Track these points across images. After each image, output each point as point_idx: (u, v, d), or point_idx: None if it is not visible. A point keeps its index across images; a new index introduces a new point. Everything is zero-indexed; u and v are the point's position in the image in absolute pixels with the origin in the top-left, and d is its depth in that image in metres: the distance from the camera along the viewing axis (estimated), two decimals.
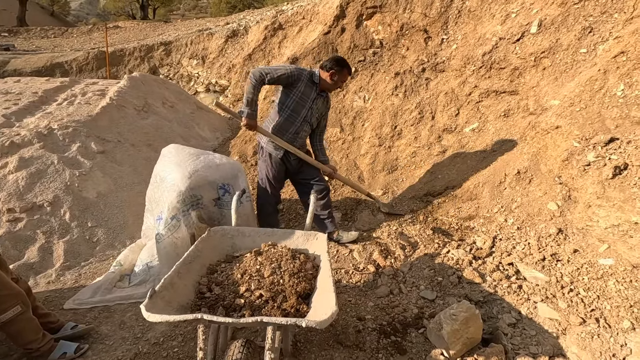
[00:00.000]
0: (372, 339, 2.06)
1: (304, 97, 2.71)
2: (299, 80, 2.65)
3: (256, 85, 2.56)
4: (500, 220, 2.76)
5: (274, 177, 2.88)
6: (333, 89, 2.82)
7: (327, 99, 2.89)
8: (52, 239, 2.85)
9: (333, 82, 2.70)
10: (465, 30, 4.15)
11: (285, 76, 2.60)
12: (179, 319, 1.27)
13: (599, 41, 3.07)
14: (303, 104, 2.73)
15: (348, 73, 2.76)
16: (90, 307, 2.34)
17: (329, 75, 2.67)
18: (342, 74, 2.70)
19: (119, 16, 20.81)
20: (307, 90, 2.70)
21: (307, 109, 2.75)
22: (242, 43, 7.03)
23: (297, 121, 2.76)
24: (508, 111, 3.49)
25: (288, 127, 2.76)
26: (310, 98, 2.73)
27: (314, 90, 2.73)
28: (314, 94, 2.74)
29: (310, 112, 2.78)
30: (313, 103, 2.76)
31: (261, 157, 2.91)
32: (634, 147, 2.35)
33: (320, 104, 2.82)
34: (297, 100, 2.71)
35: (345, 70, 2.71)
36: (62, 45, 10.58)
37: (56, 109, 3.98)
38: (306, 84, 2.68)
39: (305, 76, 2.67)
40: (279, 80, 2.62)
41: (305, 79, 2.67)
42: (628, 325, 1.78)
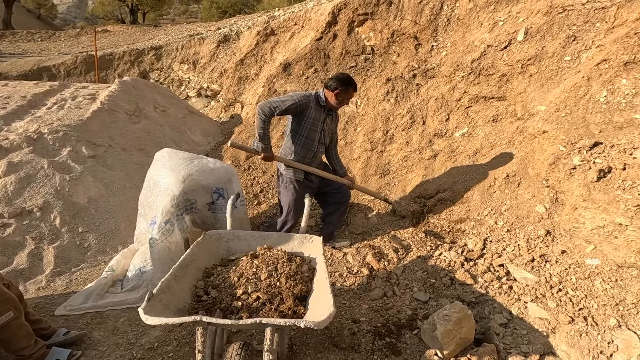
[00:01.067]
0: (367, 340, 2.08)
1: (315, 122, 2.73)
2: (308, 108, 2.67)
3: (266, 120, 2.59)
4: (490, 222, 2.82)
5: (295, 202, 2.87)
6: (340, 107, 2.80)
7: (335, 115, 2.92)
8: (42, 244, 2.80)
9: (338, 101, 2.70)
10: (455, 38, 4.25)
11: (294, 106, 2.62)
12: (178, 321, 1.27)
13: (582, 49, 3.18)
14: (315, 129, 2.76)
15: (353, 90, 2.74)
16: (82, 313, 2.31)
17: (334, 95, 2.67)
18: (347, 92, 2.69)
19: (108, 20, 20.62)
20: (316, 115, 2.72)
21: (320, 132, 2.79)
22: (233, 48, 7.05)
23: (313, 146, 2.80)
24: (497, 116, 3.57)
25: (305, 153, 2.80)
26: (321, 121, 2.76)
27: (323, 112, 2.75)
28: (323, 115, 2.76)
29: (322, 134, 2.81)
30: (324, 124, 2.79)
31: (282, 184, 2.90)
32: (617, 151, 2.44)
33: (330, 123, 2.85)
34: (310, 127, 2.73)
35: (350, 88, 2.70)
36: (50, 49, 10.43)
37: (46, 113, 3.93)
38: (315, 109, 2.70)
39: (312, 102, 2.68)
40: (287, 111, 2.63)
41: (312, 105, 2.68)
42: (614, 323, 1.83)
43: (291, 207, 2.89)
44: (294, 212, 2.90)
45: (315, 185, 2.94)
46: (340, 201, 3.04)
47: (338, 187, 3.01)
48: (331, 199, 3.03)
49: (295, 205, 2.89)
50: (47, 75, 7.99)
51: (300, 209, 2.92)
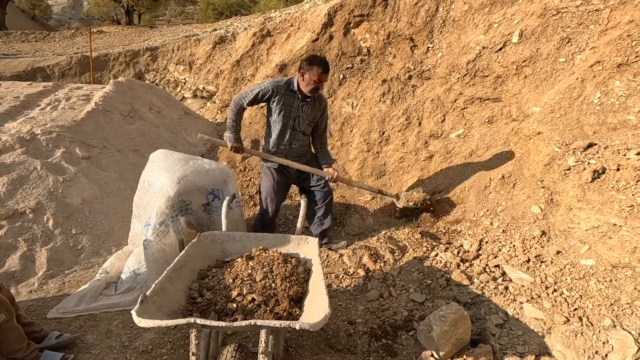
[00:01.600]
0: (363, 342, 2.07)
1: (286, 107, 2.67)
2: (276, 93, 2.63)
3: (237, 111, 2.68)
4: (486, 223, 2.82)
5: (274, 189, 2.89)
6: (313, 90, 2.60)
7: (318, 103, 2.77)
8: (34, 246, 2.77)
9: (305, 82, 2.58)
10: (450, 39, 4.27)
11: (262, 93, 2.63)
12: (171, 323, 1.26)
13: (576, 51, 3.21)
14: (288, 115, 2.69)
15: (321, 70, 2.52)
16: (75, 315, 2.28)
17: (300, 76, 2.59)
18: (311, 72, 2.52)
19: (103, 21, 20.52)
20: (288, 100, 2.66)
21: (294, 119, 2.72)
22: (230, 49, 7.04)
23: (287, 133, 2.75)
24: (492, 117, 3.59)
25: (280, 140, 2.77)
26: (294, 107, 2.68)
27: (296, 97, 2.67)
28: (297, 101, 2.67)
29: (298, 121, 2.73)
30: (299, 111, 2.71)
31: (262, 170, 2.94)
32: (611, 152, 2.46)
33: (308, 110, 2.73)
34: (281, 113, 2.68)
35: (315, 66, 2.51)
36: (44, 50, 10.36)
37: (39, 113, 3.90)
38: (285, 94, 2.64)
39: (282, 87, 2.63)
40: (256, 99, 2.66)
41: (282, 90, 2.63)
42: (609, 323, 1.84)
43: (269, 194, 2.90)
44: (271, 199, 2.90)
45: (293, 175, 2.92)
46: (321, 198, 2.91)
47: (318, 184, 2.90)
48: (312, 196, 2.95)
49: (274, 192, 2.89)
50: (41, 76, 7.93)
51: (278, 197, 2.95)
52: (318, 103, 2.78)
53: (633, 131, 2.53)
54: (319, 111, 2.81)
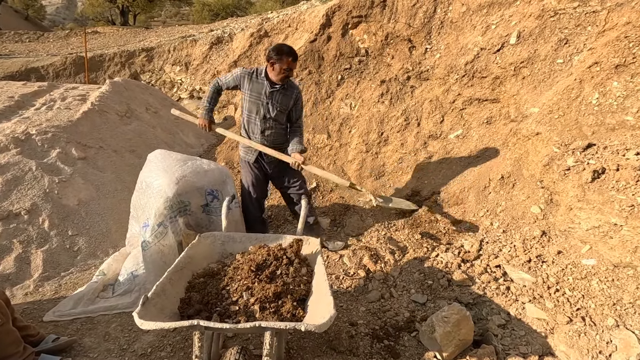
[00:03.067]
0: (365, 344, 2.05)
1: (254, 94, 2.71)
2: (245, 79, 2.71)
3: (213, 90, 2.84)
4: (486, 223, 2.82)
5: (252, 184, 2.90)
6: (283, 79, 2.63)
7: (290, 90, 2.75)
8: (29, 248, 2.72)
9: (275, 71, 2.60)
10: (448, 41, 4.28)
11: (232, 78, 2.76)
12: (175, 325, 1.23)
13: (574, 52, 3.23)
14: (257, 102, 2.72)
15: (290, 58, 2.57)
16: (72, 318, 2.24)
17: (270, 65, 2.62)
18: (281, 60, 2.55)
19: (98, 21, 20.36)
20: (256, 87, 2.70)
21: (263, 106, 2.71)
22: (226, 50, 7.01)
23: (257, 120, 2.76)
24: (490, 118, 3.60)
25: (252, 127, 2.80)
26: (263, 94, 2.69)
27: (265, 85, 2.67)
28: (266, 88, 2.67)
29: (268, 108, 2.72)
30: (269, 98, 2.69)
31: (241, 165, 2.96)
32: (610, 152, 2.47)
33: (280, 98, 2.71)
34: (250, 100, 2.73)
35: (284, 56, 2.55)
36: (38, 50, 10.25)
37: (34, 113, 3.84)
38: (253, 81, 2.70)
39: (250, 74, 2.70)
40: (228, 84, 2.79)
41: (251, 77, 2.70)
42: (612, 323, 1.84)
43: (249, 186, 2.91)
44: (252, 191, 2.91)
45: (271, 173, 2.93)
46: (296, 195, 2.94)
47: (293, 185, 2.94)
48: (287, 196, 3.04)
49: (252, 186, 2.91)
50: (35, 76, 7.84)
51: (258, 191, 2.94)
52: (290, 91, 2.76)
53: (631, 132, 2.55)
54: (291, 99, 2.78)
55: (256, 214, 3.01)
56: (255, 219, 3.00)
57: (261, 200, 3.03)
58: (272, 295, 1.55)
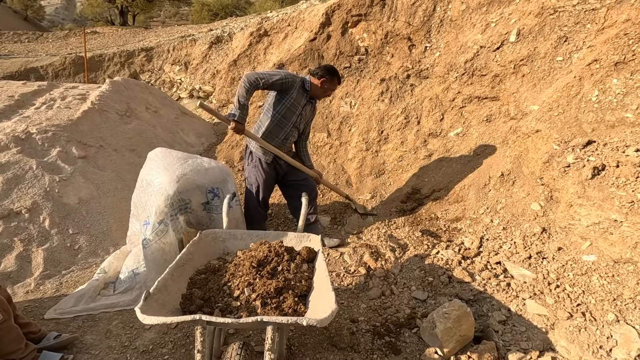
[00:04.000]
0: (366, 340, 2.06)
1: (295, 103, 2.73)
2: (293, 87, 2.67)
3: (249, 89, 2.53)
4: (486, 221, 2.83)
5: (264, 182, 2.87)
6: (322, 97, 2.88)
7: (315, 106, 2.96)
8: (30, 246, 2.72)
9: (323, 89, 2.77)
10: (448, 39, 4.28)
11: (280, 82, 2.61)
12: (177, 320, 1.24)
13: (573, 50, 3.23)
14: (294, 110, 2.75)
15: (338, 82, 2.83)
16: (74, 316, 2.24)
17: (320, 82, 2.73)
18: (332, 82, 2.78)
19: (97, 22, 20.34)
20: (298, 97, 2.73)
21: (297, 115, 2.79)
22: (226, 49, 7.01)
23: (287, 127, 2.78)
24: (490, 116, 3.60)
25: (278, 132, 2.78)
26: (301, 104, 2.77)
27: (305, 97, 2.77)
28: (304, 100, 2.77)
29: (299, 118, 2.81)
30: (303, 109, 2.80)
31: (250, 162, 2.89)
32: (610, 149, 2.48)
33: (308, 111, 2.87)
34: (289, 107, 2.73)
35: (335, 79, 2.79)
36: (37, 50, 10.24)
37: (34, 113, 3.84)
38: (298, 91, 2.71)
39: (298, 83, 2.70)
40: (273, 85, 2.61)
41: (297, 86, 2.70)
42: (612, 318, 1.84)
43: (260, 186, 2.86)
44: (262, 191, 2.88)
45: (282, 171, 2.92)
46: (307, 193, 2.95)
47: (304, 179, 2.97)
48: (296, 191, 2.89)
49: (265, 186, 2.87)
50: (34, 76, 7.84)
51: (268, 190, 2.94)
52: (314, 107, 2.95)
53: (631, 128, 2.55)
54: (313, 114, 2.99)
55: (263, 212, 3.00)
56: (261, 217, 3.00)
57: (268, 199, 3.03)
58: (273, 290, 1.55)
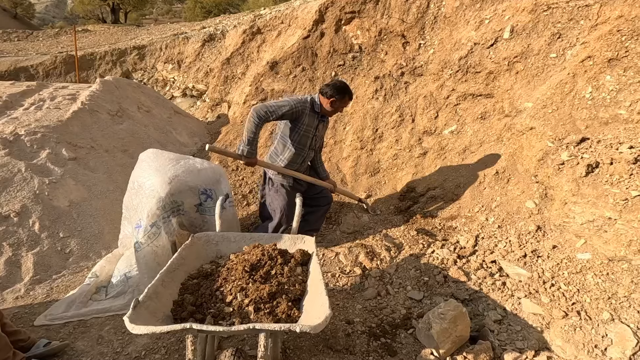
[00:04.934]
0: (362, 342, 2.04)
1: (308, 128, 2.69)
2: (303, 114, 2.62)
3: (259, 124, 2.50)
4: (481, 219, 2.82)
5: (288, 204, 2.79)
6: (334, 114, 2.82)
7: (327, 121, 2.89)
8: (20, 251, 2.67)
9: (334, 109, 2.67)
10: (442, 36, 4.26)
11: (290, 112, 2.56)
12: (166, 329, 1.21)
13: (567, 46, 3.22)
14: (308, 135, 2.71)
15: (349, 99, 2.71)
16: (65, 322, 2.21)
17: (329, 102, 2.63)
18: (343, 101, 2.67)
19: (88, 20, 20.06)
20: (310, 121, 2.68)
21: (312, 138, 2.74)
22: (219, 47, 6.94)
23: (304, 152, 2.75)
24: (485, 113, 3.59)
25: (297, 159, 2.75)
26: (314, 127, 2.71)
27: (316, 117, 2.71)
28: (316, 121, 2.71)
29: (314, 140, 2.77)
30: (316, 130, 2.74)
31: (272, 188, 2.83)
32: (604, 146, 2.47)
33: (321, 129, 2.83)
34: (303, 133, 2.68)
35: (346, 97, 2.67)
36: (27, 49, 10.07)
37: (23, 114, 3.77)
38: (309, 115, 2.65)
39: (307, 107, 2.63)
40: (283, 117, 2.58)
41: (307, 111, 2.64)
42: (608, 317, 1.84)
43: (284, 212, 2.81)
44: (286, 216, 2.82)
45: (303, 189, 2.88)
46: (322, 204, 3.01)
47: (321, 191, 2.99)
48: (314, 202, 2.98)
49: (288, 209, 2.81)
50: (24, 75, 7.71)
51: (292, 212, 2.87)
52: (327, 122, 2.90)
53: (624, 125, 2.55)
54: (326, 129, 2.94)
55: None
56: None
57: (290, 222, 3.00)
58: (266, 295, 1.53)
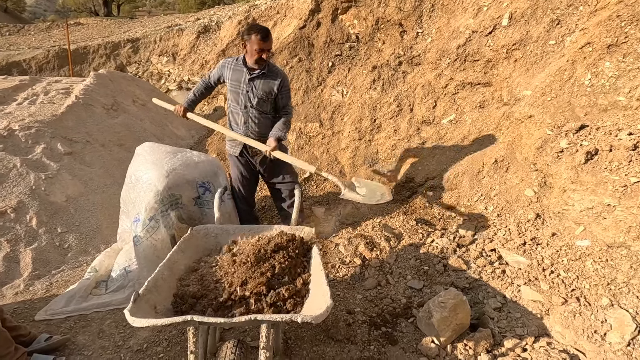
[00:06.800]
0: (363, 331, 2.05)
1: (234, 83, 2.61)
2: (225, 68, 2.65)
3: (200, 84, 2.82)
4: (480, 208, 2.82)
5: (238, 179, 2.83)
6: (257, 61, 2.47)
7: (272, 76, 2.58)
8: (18, 247, 2.66)
9: (250, 53, 2.47)
10: (439, 24, 4.21)
11: (216, 70, 2.73)
12: (167, 322, 1.20)
13: (566, 33, 3.19)
14: (237, 91, 2.62)
15: (259, 36, 2.38)
16: (65, 317, 2.20)
17: (243, 47, 2.51)
18: (250, 41, 2.41)
19: (80, 13, 19.73)
20: (235, 76, 2.60)
21: (244, 95, 2.60)
22: (214, 39, 6.85)
23: (239, 109, 2.64)
24: (483, 102, 3.57)
25: (235, 118, 2.71)
26: (242, 82, 2.58)
27: (245, 71, 2.56)
28: (245, 76, 2.56)
29: (247, 97, 2.59)
30: (248, 86, 2.57)
31: (229, 159, 2.87)
32: (603, 133, 2.46)
33: (260, 84, 2.56)
34: (231, 90, 2.65)
35: (252, 34, 2.39)
36: (19, 44, 9.91)
37: (16, 108, 3.72)
38: (233, 70, 2.61)
39: (230, 62, 2.64)
40: (214, 76, 2.75)
41: (230, 65, 2.62)
42: (607, 302, 1.85)
43: (236, 180, 2.86)
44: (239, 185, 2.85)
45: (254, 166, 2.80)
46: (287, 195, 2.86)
47: (284, 181, 2.84)
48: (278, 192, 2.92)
49: (238, 180, 2.85)
50: (17, 70, 7.60)
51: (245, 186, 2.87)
52: (272, 76, 2.58)
53: (623, 112, 2.54)
54: (274, 85, 2.59)
55: (244, 208, 2.93)
56: (246, 212, 2.94)
57: (249, 196, 2.93)
58: (267, 286, 1.52)
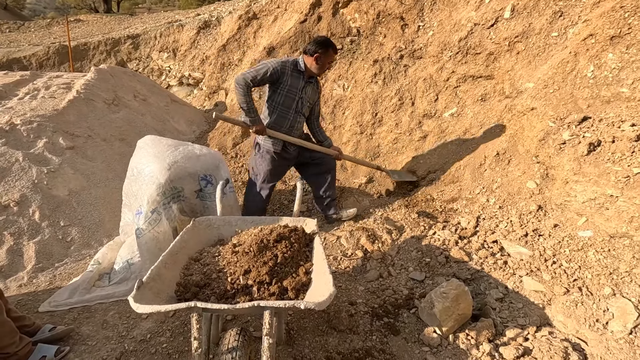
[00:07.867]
0: (365, 322, 2.06)
1: (291, 89, 2.63)
2: (284, 74, 2.58)
3: (245, 92, 2.52)
4: (482, 200, 2.82)
5: (271, 171, 2.81)
6: (321, 73, 2.70)
7: (317, 84, 2.81)
8: (21, 240, 2.67)
9: (319, 65, 2.61)
10: (441, 17, 4.19)
11: (269, 74, 2.54)
12: (171, 308, 1.21)
13: (569, 25, 3.17)
14: (292, 97, 2.65)
15: (334, 52, 2.63)
16: (69, 308, 2.21)
17: (314, 59, 2.58)
18: (327, 55, 2.59)
19: (80, 9, 19.69)
20: (294, 82, 2.62)
21: (297, 101, 2.68)
22: (215, 34, 6.83)
23: (290, 115, 2.70)
24: (485, 95, 3.56)
25: (282, 122, 2.71)
26: (299, 88, 2.65)
27: (302, 79, 2.65)
28: (302, 83, 2.65)
29: (300, 103, 2.71)
30: (302, 92, 2.68)
31: (258, 153, 2.81)
32: (605, 124, 2.45)
33: (310, 92, 2.74)
34: (286, 94, 2.64)
35: (330, 50, 2.59)
36: (19, 40, 9.91)
37: (17, 103, 3.73)
38: (292, 75, 2.61)
39: (289, 67, 2.59)
40: (263, 80, 2.56)
41: (289, 70, 2.59)
42: (609, 292, 1.86)
43: (266, 177, 2.83)
44: (267, 182, 2.85)
45: (292, 157, 2.86)
46: (325, 170, 2.96)
47: (320, 157, 2.92)
48: (315, 169, 2.95)
49: (270, 175, 2.84)
50: (17, 67, 7.60)
51: (275, 178, 2.90)
52: (316, 84, 2.80)
53: (626, 103, 2.53)
54: (317, 93, 2.83)
55: (261, 205, 2.92)
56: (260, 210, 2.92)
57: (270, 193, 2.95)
58: (270, 275, 1.52)
